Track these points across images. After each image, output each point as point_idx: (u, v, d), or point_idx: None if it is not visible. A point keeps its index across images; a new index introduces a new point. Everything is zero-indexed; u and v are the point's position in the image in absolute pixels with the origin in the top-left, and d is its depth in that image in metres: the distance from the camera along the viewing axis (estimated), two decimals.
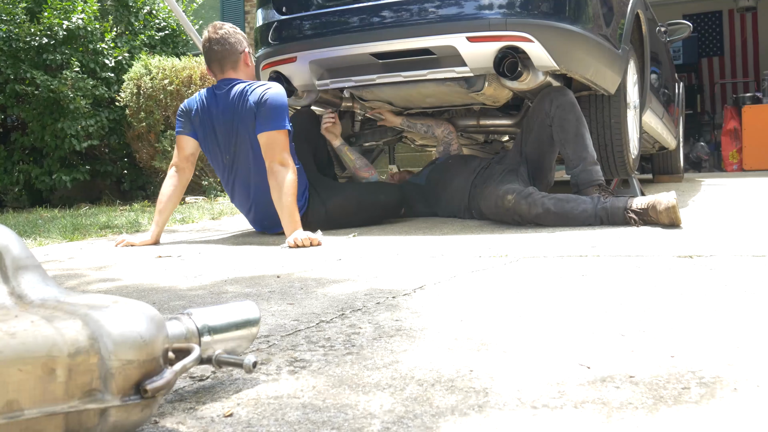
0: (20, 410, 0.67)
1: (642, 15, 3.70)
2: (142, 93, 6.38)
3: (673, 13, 9.98)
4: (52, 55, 6.52)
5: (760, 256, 1.77)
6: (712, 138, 10.41)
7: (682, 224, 2.46)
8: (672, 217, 2.44)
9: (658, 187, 5.04)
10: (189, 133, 2.97)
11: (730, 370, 0.93)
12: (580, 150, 2.88)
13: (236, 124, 2.85)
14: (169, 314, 1.43)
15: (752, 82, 11.00)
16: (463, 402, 0.87)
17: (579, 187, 2.86)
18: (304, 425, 0.82)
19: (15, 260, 0.80)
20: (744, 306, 1.28)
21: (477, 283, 1.64)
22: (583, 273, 1.70)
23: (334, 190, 3.14)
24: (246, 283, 1.83)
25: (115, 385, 0.74)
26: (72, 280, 2.08)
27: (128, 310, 0.78)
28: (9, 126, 7.36)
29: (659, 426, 0.77)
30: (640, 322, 1.20)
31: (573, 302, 1.39)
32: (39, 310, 0.76)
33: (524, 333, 1.17)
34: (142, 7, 7.53)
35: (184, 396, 0.95)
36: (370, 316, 1.35)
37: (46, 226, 3.98)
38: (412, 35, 2.86)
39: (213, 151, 2.96)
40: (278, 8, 3.22)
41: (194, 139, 2.97)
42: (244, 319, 0.99)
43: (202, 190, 6.23)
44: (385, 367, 1.03)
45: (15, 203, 7.00)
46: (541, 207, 2.68)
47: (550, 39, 2.75)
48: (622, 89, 3.26)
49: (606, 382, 0.92)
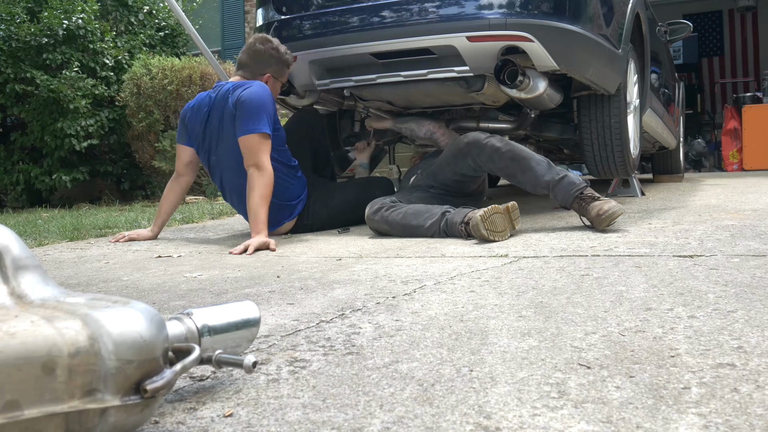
0: (20, 410, 0.67)
1: (642, 15, 3.70)
2: (142, 93, 6.38)
3: (673, 13, 9.98)
4: (52, 54, 6.52)
5: (760, 256, 1.77)
6: (713, 138, 10.41)
7: (500, 239, 2.37)
8: (480, 235, 2.36)
9: (659, 186, 5.04)
10: (184, 141, 2.99)
11: (730, 371, 0.93)
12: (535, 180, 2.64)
13: (220, 124, 2.84)
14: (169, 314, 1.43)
15: (752, 82, 11.01)
16: (463, 402, 0.87)
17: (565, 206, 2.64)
18: (304, 425, 0.82)
19: (15, 260, 0.80)
20: (744, 306, 1.28)
21: (477, 283, 1.64)
22: (583, 273, 1.70)
23: (334, 190, 3.15)
24: (246, 283, 1.83)
25: (115, 385, 0.74)
26: (72, 280, 2.08)
27: (128, 310, 0.78)
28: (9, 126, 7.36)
29: (659, 426, 0.77)
30: (640, 322, 1.20)
31: (573, 302, 1.39)
32: (39, 310, 0.76)
33: (524, 333, 1.17)
34: (142, 7, 7.53)
35: (184, 396, 0.95)
36: (370, 316, 1.35)
37: (46, 226, 3.98)
38: (412, 35, 2.86)
39: (202, 151, 2.97)
40: (278, 8, 3.22)
41: (190, 147, 2.98)
42: (244, 319, 0.99)
43: (201, 190, 6.23)
44: (385, 367, 1.03)
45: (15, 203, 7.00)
46: (386, 222, 2.66)
47: (550, 39, 2.75)
48: (622, 89, 3.26)
49: (606, 382, 0.92)
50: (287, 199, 2.92)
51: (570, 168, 9.18)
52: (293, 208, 2.96)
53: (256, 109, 2.72)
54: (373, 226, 2.73)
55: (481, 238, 2.37)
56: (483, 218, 2.35)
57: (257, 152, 2.69)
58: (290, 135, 3.11)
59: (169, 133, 6.24)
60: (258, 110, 2.72)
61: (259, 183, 2.65)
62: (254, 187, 2.66)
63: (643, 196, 3.85)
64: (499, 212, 2.41)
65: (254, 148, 2.69)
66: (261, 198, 2.65)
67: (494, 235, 2.36)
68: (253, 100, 2.73)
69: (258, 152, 2.69)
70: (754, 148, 8.13)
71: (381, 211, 2.70)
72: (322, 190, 3.08)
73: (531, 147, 4.02)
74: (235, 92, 2.79)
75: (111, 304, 0.79)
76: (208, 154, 2.93)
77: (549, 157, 4.52)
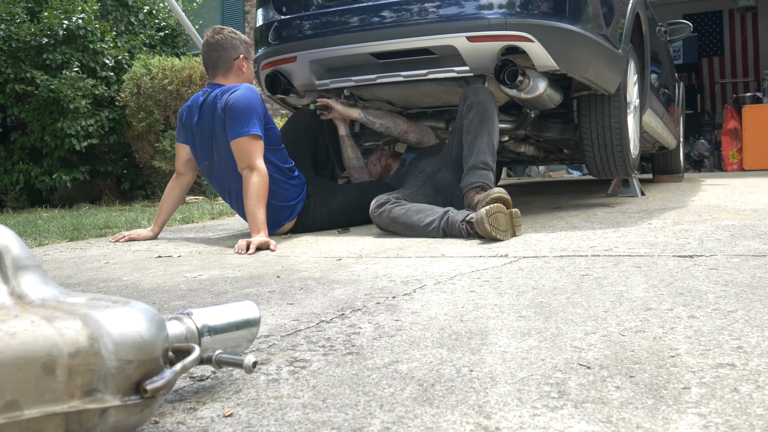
0: (20, 410, 0.67)
1: (642, 15, 3.70)
2: (142, 93, 6.38)
3: (673, 13, 9.98)
4: (52, 54, 6.52)
5: (760, 256, 1.77)
6: (713, 138, 10.41)
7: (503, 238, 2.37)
8: (483, 232, 2.36)
9: (659, 186, 5.04)
10: (182, 140, 2.99)
11: (730, 371, 0.93)
12: (472, 152, 2.75)
13: (212, 131, 2.85)
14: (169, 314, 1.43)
15: (752, 82, 11.01)
16: (463, 402, 0.87)
17: (462, 190, 2.75)
18: (304, 425, 0.82)
19: (15, 260, 0.80)
20: (744, 306, 1.28)
21: (477, 283, 1.64)
22: (583, 273, 1.70)
23: (335, 190, 3.14)
24: (246, 283, 1.83)
25: (115, 385, 0.74)
26: (72, 279, 2.08)
27: (128, 310, 0.78)
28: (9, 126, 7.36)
29: (659, 426, 0.77)
30: (641, 322, 1.20)
31: (573, 302, 1.39)
32: (39, 310, 0.76)
33: (524, 333, 1.17)
34: (142, 7, 7.53)
35: (184, 396, 0.95)
36: (370, 316, 1.35)
37: (46, 226, 3.98)
38: (412, 35, 2.86)
39: (196, 155, 2.98)
40: (278, 8, 3.22)
41: (187, 145, 2.99)
42: (244, 319, 0.99)
43: (201, 190, 6.23)
44: (385, 367, 1.03)
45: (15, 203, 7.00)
46: (389, 217, 2.68)
47: (550, 39, 2.75)
48: (622, 89, 3.26)
49: (606, 382, 0.92)
50: (285, 200, 2.92)
51: (570, 168, 9.18)
52: (293, 208, 2.96)
53: (244, 111, 2.72)
54: (376, 220, 2.74)
55: (484, 233, 2.36)
56: (488, 213, 2.35)
57: (250, 154, 2.69)
58: (288, 135, 3.10)
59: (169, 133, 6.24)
60: (247, 112, 2.73)
61: (253, 184, 2.66)
62: (249, 188, 2.66)
63: (643, 196, 3.85)
64: (503, 212, 2.41)
65: (246, 151, 2.69)
66: (257, 199, 2.65)
67: (497, 232, 2.36)
68: (241, 103, 2.73)
69: (250, 154, 2.69)
70: (754, 148, 8.14)
71: (386, 205, 2.71)
72: (322, 190, 3.08)
73: (531, 147, 4.02)
74: (223, 97, 2.79)
75: (111, 304, 0.79)
76: (202, 158, 2.94)
77: (549, 157, 4.53)
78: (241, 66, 2.94)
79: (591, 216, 2.95)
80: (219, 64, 2.92)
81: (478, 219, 2.38)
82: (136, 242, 2.99)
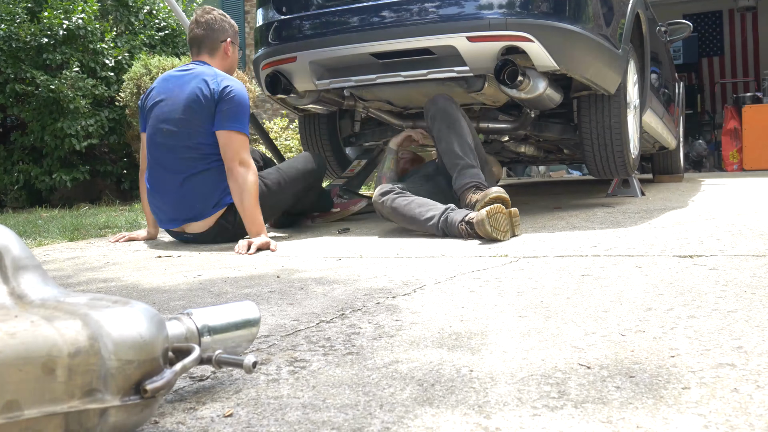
0: (20, 410, 0.67)
1: (642, 15, 3.70)
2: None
3: (673, 13, 9.98)
4: (52, 54, 6.51)
5: (760, 256, 1.77)
6: (713, 138, 10.41)
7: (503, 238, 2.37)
8: (484, 233, 2.36)
9: (659, 186, 5.04)
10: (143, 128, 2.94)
11: (730, 371, 0.93)
12: (451, 159, 2.80)
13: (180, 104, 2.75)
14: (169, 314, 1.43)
15: (752, 82, 11.01)
16: (463, 402, 0.87)
17: (457, 194, 2.77)
18: (304, 425, 0.82)
19: (15, 260, 0.80)
20: (744, 306, 1.28)
21: (477, 283, 1.64)
22: (583, 273, 1.70)
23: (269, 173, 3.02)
24: (246, 283, 1.83)
25: (115, 385, 0.74)
26: (72, 279, 2.08)
27: (128, 310, 0.78)
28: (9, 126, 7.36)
29: (659, 426, 0.77)
30: (641, 322, 1.20)
31: (573, 302, 1.39)
32: (39, 310, 0.76)
33: (524, 333, 1.17)
34: (142, 7, 7.52)
35: (184, 396, 0.95)
36: (370, 316, 1.35)
37: (46, 226, 3.98)
38: (412, 35, 2.86)
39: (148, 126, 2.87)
40: (278, 8, 3.22)
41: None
42: (244, 319, 0.99)
43: None
44: (385, 367, 1.03)
45: (15, 203, 6.99)
46: (390, 207, 2.68)
47: (550, 39, 2.75)
48: (622, 89, 3.26)
49: (606, 382, 0.92)
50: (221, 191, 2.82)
51: (570, 168, 9.18)
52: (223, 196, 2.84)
53: (243, 109, 2.73)
54: (378, 208, 2.75)
55: (485, 234, 2.36)
56: (489, 214, 2.35)
57: (243, 149, 2.69)
58: None
59: None
60: (244, 111, 2.74)
61: (250, 184, 2.64)
62: (247, 187, 2.63)
63: (643, 196, 3.84)
64: (503, 212, 2.41)
65: (240, 145, 2.68)
66: (255, 198, 2.65)
67: (498, 233, 2.36)
68: (243, 100, 2.73)
69: (244, 149, 2.69)
70: (754, 148, 8.14)
71: (389, 194, 2.71)
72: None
73: (531, 147, 4.01)
74: (220, 80, 2.74)
75: (111, 304, 0.79)
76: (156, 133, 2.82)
77: (549, 157, 4.52)
78: (227, 50, 2.92)
79: (591, 216, 2.95)
80: (205, 43, 2.89)
81: (478, 220, 2.38)
82: (136, 242, 2.99)
